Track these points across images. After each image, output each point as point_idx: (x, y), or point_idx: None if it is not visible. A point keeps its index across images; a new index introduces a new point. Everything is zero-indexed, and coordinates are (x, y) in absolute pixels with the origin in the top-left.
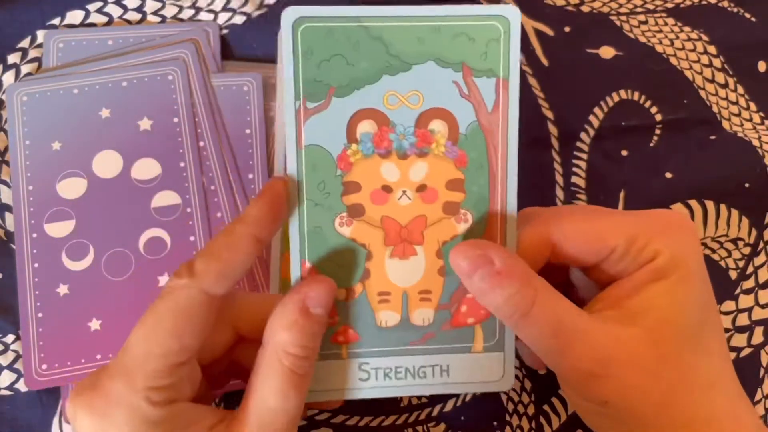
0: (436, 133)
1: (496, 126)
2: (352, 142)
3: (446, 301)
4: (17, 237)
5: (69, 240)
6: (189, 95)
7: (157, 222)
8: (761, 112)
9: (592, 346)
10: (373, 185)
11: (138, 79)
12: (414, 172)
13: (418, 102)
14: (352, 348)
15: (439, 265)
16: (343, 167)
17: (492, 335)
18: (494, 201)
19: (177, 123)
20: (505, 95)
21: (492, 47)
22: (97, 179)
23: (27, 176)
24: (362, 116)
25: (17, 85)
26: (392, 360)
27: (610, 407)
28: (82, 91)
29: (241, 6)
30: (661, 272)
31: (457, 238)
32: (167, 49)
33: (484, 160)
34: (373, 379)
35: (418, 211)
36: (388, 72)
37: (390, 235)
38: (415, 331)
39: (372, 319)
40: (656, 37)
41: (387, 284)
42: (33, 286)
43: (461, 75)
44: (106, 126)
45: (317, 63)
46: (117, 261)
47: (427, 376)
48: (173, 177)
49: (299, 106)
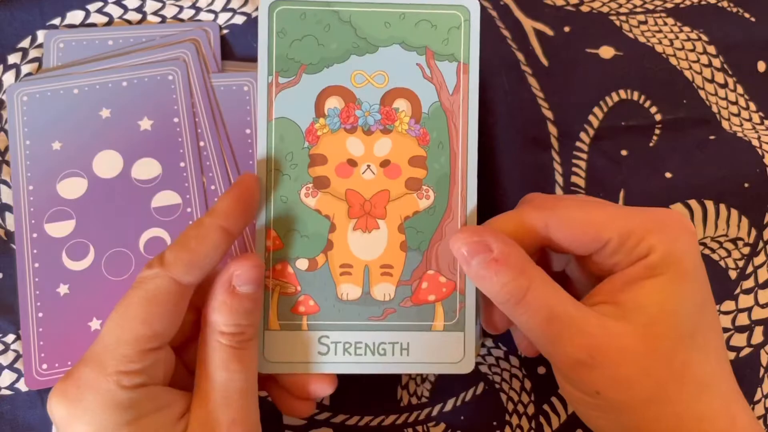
0: (400, 111)
1: (456, 107)
2: (320, 116)
3: (407, 278)
4: (17, 237)
5: (69, 240)
6: (189, 95)
7: (157, 222)
8: (761, 112)
9: (583, 334)
10: (338, 158)
11: (138, 79)
12: (378, 148)
13: (384, 81)
14: (312, 320)
15: (401, 240)
16: (310, 140)
17: (452, 315)
18: (455, 179)
19: (177, 123)
20: (466, 78)
21: (453, 34)
22: (97, 179)
23: (27, 176)
24: (330, 92)
25: (17, 85)
26: (352, 335)
27: (601, 398)
28: (82, 91)
29: (241, 6)
30: (655, 269)
31: (418, 213)
32: (167, 49)
33: (445, 139)
34: (332, 354)
35: (382, 186)
36: (356, 53)
37: (354, 208)
38: (375, 306)
39: (333, 292)
40: (656, 37)
41: (349, 257)
42: (33, 286)
43: (425, 58)
44: (107, 126)
45: (290, 42)
46: (117, 261)
47: (387, 354)
48: (173, 177)
49: (271, 80)
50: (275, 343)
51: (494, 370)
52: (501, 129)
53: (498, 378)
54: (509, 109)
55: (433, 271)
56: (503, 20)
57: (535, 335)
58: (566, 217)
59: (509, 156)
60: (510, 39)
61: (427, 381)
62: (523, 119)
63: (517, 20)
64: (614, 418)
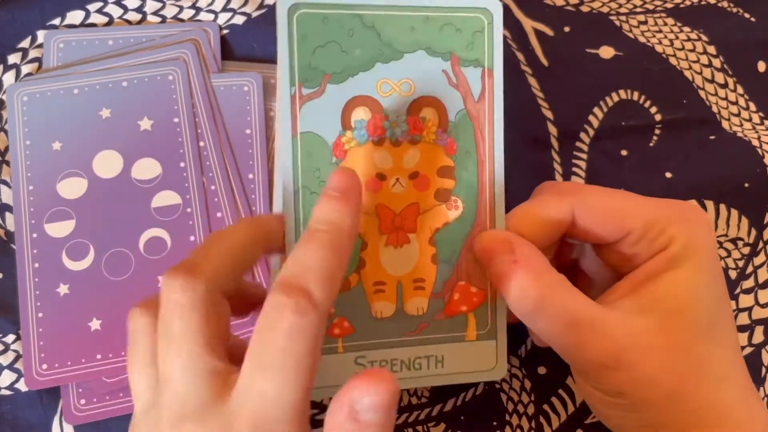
0: (427, 120)
1: (482, 114)
2: (347, 129)
3: (439, 290)
4: (17, 237)
5: (69, 240)
6: (189, 95)
7: (157, 222)
8: (761, 112)
9: (604, 338)
10: (367, 173)
11: (138, 79)
12: (407, 160)
13: (410, 90)
14: (348, 341)
15: (432, 253)
16: (338, 155)
17: (484, 323)
18: (483, 188)
19: (177, 123)
20: (491, 84)
21: (477, 38)
22: (97, 179)
23: (27, 176)
24: (357, 103)
25: (17, 85)
26: (387, 352)
27: (625, 398)
28: (83, 91)
29: (241, 6)
30: (676, 260)
31: (448, 225)
32: (167, 49)
33: (472, 147)
34: None
35: (412, 199)
36: (381, 60)
37: (385, 223)
38: (409, 322)
39: (367, 311)
40: (656, 37)
41: (382, 274)
42: (33, 286)
43: (450, 64)
44: (107, 126)
45: (312, 49)
46: (117, 261)
47: (422, 368)
48: (173, 177)
49: (294, 91)
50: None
51: None
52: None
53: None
54: (509, 109)
55: (464, 282)
56: (503, 20)
57: (555, 342)
58: (592, 203)
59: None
60: (510, 39)
61: None
62: (523, 119)
63: (517, 20)
64: (635, 417)
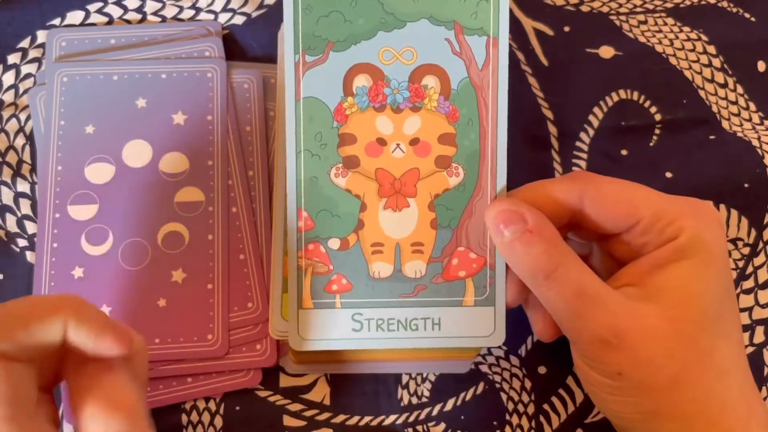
0: (429, 88)
1: (486, 83)
2: (349, 95)
3: (438, 255)
4: (40, 214)
5: (90, 224)
6: (225, 94)
7: (178, 217)
8: (761, 112)
9: (609, 313)
10: (368, 137)
11: (178, 72)
12: (408, 126)
13: (412, 58)
14: (345, 298)
15: (431, 218)
16: (339, 119)
17: (483, 290)
18: (485, 156)
19: (210, 121)
20: (495, 53)
21: (482, 7)
22: (125, 167)
23: (57, 156)
24: (358, 70)
25: (58, 65)
26: (385, 311)
27: (623, 379)
28: (122, 79)
29: (241, 6)
30: (684, 252)
31: (449, 191)
32: (190, 42)
33: (474, 115)
34: (365, 330)
35: (412, 164)
36: (384, 28)
37: (384, 187)
38: (407, 283)
39: (365, 270)
40: (656, 36)
41: (380, 235)
42: (50, 265)
43: (453, 33)
44: (141, 115)
45: (316, 19)
46: (134, 250)
47: (419, 329)
48: (200, 174)
49: (298, 59)
50: (309, 321)
51: (494, 369)
52: None
53: (498, 378)
54: (509, 109)
55: (464, 248)
56: None
57: (561, 311)
58: (602, 190)
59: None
60: (510, 39)
61: (427, 381)
62: (523, 119)
63: (517, 20)
64: (634, 402)
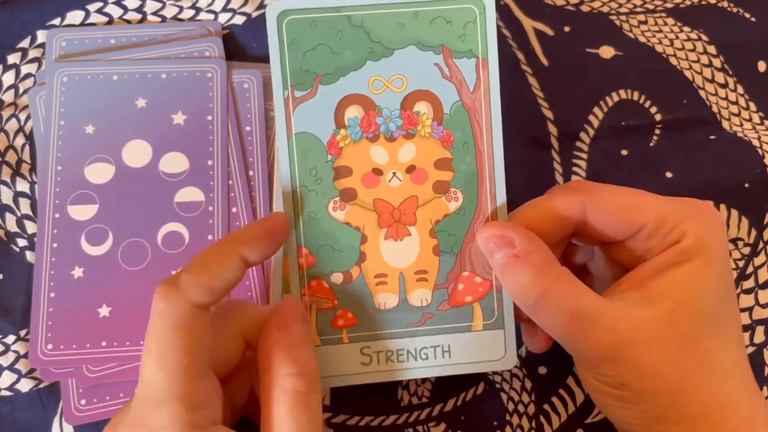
0: (422, 114)
1: (479, 104)
2: (341, 127)
3: (443, 281)
4: (40, 214)
5: (90, 224)
6: (225, 95)
7: (178, 217)
8: (761, 112)
9: (607, 330)
10: (363, 169)
11: (178, 72)
12: (402, 154)
13: (402, 85)
14: (352, 332)
15: (433, 245)
16: (333, 152)
17: (491, 313)
18: (482, 178)
19: (210, 121)
20: (486, 74)
21: (469, 29)
22: (124, 167)
23: (57, 156)
24: (349, 102)
25: (58, 65)
26: (393, 342)
27: (626, 389)
28: (122, 79)
29: (241, 6)
30: (686, 254)
31: (449, 216)
32: (190, 42)
33: (469, 138)
34: (375, 363)
35: (409, 192)
36: (372, 58)
37: (383, 217)
38: (414, 312)
39: (371, 302)
40: (656, 37)
41: (383, 266)
42: (49, 265)
43: (442, 57)
44: (141, 115)
45: (303, 53)
46: (134, 250)
47: (429, 358)
48: (200, 174)
49: (287, 95)
50: (318, 358)
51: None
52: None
53: (498, 378)
54: (509, 109)
55: (468, 272)
56: (504, 20)
57: (557, 334)
58: (604, 199)
59: (509, 156)
60: (510, 39)
61: (427, 381)
62: (523, 119)
63: (517, 20)
64: (638, 409)
